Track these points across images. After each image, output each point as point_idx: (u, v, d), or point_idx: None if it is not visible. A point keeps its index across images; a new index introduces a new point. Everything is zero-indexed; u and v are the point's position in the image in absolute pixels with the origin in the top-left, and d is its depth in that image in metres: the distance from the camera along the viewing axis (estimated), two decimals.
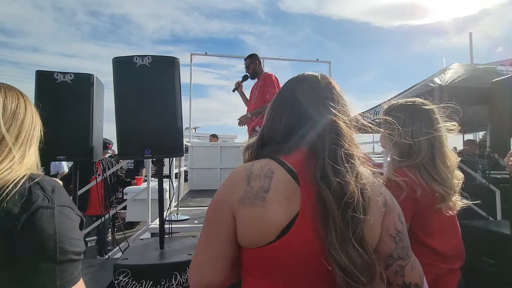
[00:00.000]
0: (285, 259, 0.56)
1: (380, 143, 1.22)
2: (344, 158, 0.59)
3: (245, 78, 3.23)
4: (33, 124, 0.66)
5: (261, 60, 3.29)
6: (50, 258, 0.54)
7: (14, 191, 0.54)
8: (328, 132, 0.62)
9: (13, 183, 0.55)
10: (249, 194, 0.58)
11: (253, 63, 3.13)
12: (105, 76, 2.12)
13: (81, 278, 0.59)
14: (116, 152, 4.86)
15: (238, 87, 3.29)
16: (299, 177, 0.59)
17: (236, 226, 0.59)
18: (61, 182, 0.64)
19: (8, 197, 0.53)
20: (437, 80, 2.97)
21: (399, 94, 3.89)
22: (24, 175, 0.58)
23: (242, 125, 3.01)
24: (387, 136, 1.03)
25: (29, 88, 0.69)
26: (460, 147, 5.75)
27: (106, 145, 3.94)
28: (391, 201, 0.64)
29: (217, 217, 0.61)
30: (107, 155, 4.11)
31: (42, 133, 0.69)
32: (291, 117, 0.67)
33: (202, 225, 2.34)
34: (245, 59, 3.22)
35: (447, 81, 2.87)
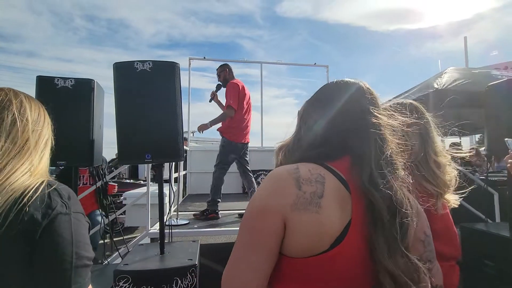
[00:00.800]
0: (338, 269, 0.53)
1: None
2: (390, 166, 0.59)
3: (218, 87, 3.30)
4: (48, 134, 0.69)
5: (256, 65, 3.32)
6: (67, 262, 0.55)
7: (35, 197, 0.55)
8: (373, 140, 0.60)
9: (34, 188, 0.56)
10: (301, 200, 0.54)
11: (223, 71, 3.21)
12: (102, 80, 2.12)
13: (90, 284, 0.60)
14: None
15: (213, 97, 3.35)
16: (349, 184, 0.58)
17: (284, 234, 0.55)
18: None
19: (30, 202, 0.54)
20: (434, 84, 3.01)
21: (396, 97, 3.93)
22: (42, 181, 0.59)
23: (201, 132, 3.10)
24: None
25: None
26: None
27: None
28: (420, 206, 0.66)
29: (262, 223, 0.56)
30: None
31: (53, 142, 0.71)
32: (331, 122, 0.65)
33: (202, 230, 2.31)
34: (216, 69, 3.30)
35: (444, 85, 2.92)
